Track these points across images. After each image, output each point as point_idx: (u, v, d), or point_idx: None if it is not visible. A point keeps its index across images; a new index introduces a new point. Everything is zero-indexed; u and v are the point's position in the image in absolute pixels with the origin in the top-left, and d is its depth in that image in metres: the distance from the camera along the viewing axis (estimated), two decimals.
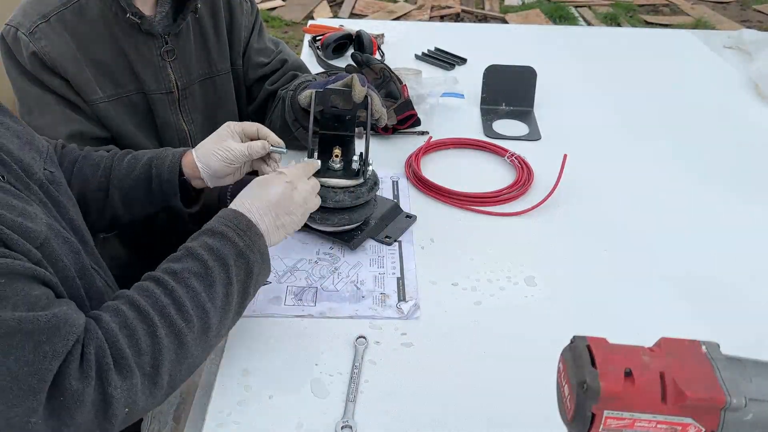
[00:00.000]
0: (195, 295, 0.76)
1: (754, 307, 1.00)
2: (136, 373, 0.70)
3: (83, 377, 0.66)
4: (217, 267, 0.78)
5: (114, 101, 1.15)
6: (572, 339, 0.57)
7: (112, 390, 0.68)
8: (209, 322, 0.76)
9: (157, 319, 0.73)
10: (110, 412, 0.68)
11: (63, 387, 0.65)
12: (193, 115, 1.26)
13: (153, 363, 0.71)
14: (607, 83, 1.77)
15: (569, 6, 5.08)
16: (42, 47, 1.06)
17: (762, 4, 5.20)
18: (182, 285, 0.76)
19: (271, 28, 4.56)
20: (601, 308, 0.99)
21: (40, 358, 0.64)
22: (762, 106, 1.66)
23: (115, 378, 0.68)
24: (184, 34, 1.20)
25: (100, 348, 0.69)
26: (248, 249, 0.81)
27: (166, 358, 0.72)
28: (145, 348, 0.71)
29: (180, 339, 0.74)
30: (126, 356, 0.70)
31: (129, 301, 0.74)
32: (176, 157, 1.01)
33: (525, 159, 1.33)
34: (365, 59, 1.60)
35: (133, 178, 1.02)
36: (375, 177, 1.08)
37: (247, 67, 1.33)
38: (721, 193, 1.28)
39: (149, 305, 0.73)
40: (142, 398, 0.71)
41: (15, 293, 0.64)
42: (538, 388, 0.72)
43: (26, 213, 0.72)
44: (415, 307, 0.97)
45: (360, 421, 0.80)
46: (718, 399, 0.52)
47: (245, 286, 0.81)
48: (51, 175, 0.85)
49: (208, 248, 0.79)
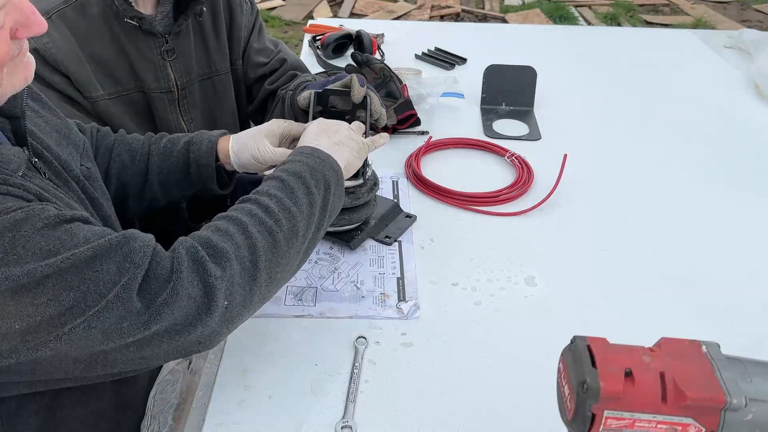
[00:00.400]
0: (279, 200, 0.79)
1: (754, 307, 1.00)
2: (234, 262, 0.72)
3: (174, 273, 0.68)
4: (293, 179, 0.82)
5: (114, 99, 1.16)
6: (572, 339, 0.57)
7: (212, 279, 0.69)
8: (297, 223, 0.79)
9: (247, 219, 0.76)
10: (212, 303, 0.69)
11: (155, 288, 0.67)
12: (192, 114, 1.26)
13: (251, 258, 0.73)
14: (607, 83, 1.77)
15: (569, 6, 5.08)
16: (43, 44, 1.07)
17: (762, 4, 5.20)
18: (264, 195, 0.79)
19: (270, 28, 4.56)
20: (601, 308, 0.99)
21: (124, 273, 0.65)
22: (762, 106, 1.66)
23: (212, 267, 0.70)
24: (185, 34, 1.20)
25: (192, 246, 0.71)
26: (320, 164, 0.85)
27: (261, 252, 0.74)
28: (241, 242, 0.73)
29: (272, 236, 0.76)
30: (221, 248, 0.72)
31: (216, 218, 0.77)
32: (212, 142, 1.03)
33: (525, 159, 1.33)
34: (365, 59, 1.60)
35: (171, 163, 1.03)
36: (375, 177, 1.08)
37: (247, 67, 1.33)
38: (721, 193, 1.28)
39: (236, 211, 0.77)
40: (240, 292, 0.72)
41: (81, 230, 0.65)
42: (538, 387, 0.72)
43: (69, 206, 0.74)
44: (415, 307, 0.97)
45: (360, 421, 0.80)
46: (718, 399, 0.52)
47: (325, 199, 0.84)
48: (87, 171, 0.87)
49: (282, 170, 0.84)
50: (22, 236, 0.61)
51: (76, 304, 0.62)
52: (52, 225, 0.63)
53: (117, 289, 0.64)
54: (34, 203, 0.65)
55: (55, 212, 0.65)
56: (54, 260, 0.61)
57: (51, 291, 0.61)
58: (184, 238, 0.74)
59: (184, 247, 0.71)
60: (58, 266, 0.61)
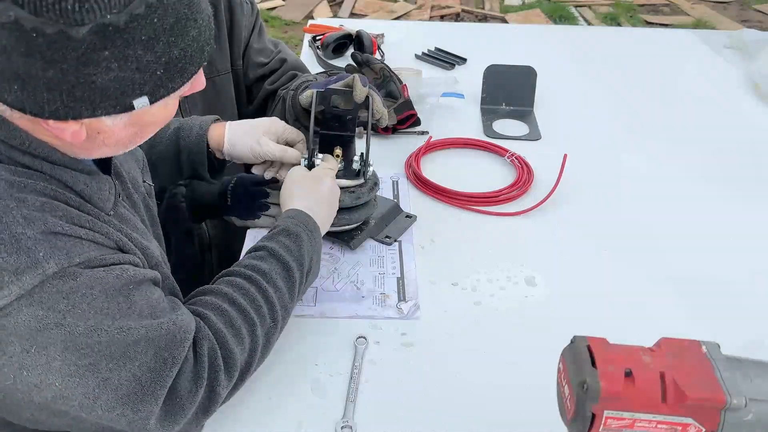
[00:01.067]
0: (282, 296, 0.81)
1: (754, 307, 1.00)
2: (238, 372, 0.74)
3: (197, 378, 0.70)
4: (296, 268, 0.84)
5: None
6: (572, 339, 0.57)
7: (220, 389, 0.72)
8: (287, 318, 0.84)
9: (256, 319, 0.77)
10: (211, 409, 0.72)
11: (179, 389, 0.68)
12: (192, 114, 1.26)
13: (248, 360, 0.76)
14: (607, 83, 1.77)
15: (569, 6, 5.08)
16: None
17: (762, 4, 5.20)
18: (272, 286, 0.80)
19: (270, 28, 4.56)
20: (601, 308, 0.99)
21: (160, 364, 0.67)
22: (762, 106, 1.66)
23: (223, 378, 0.72)
24: None
25: (212, 349, 0.72)
26: (316, 251, 0.88)
27: (256, 356, 0.77)
28: (248, 346, 0.76)
29: (269, 338, 0.79)
30: (235, 356, 0.73)
31: (228, 299, 0.77)
32: (203, 129, 1.02)
33: (525, 159, 1.33)
34: (365, 59, 1.60)
35: (160, 150, 1.03)
36: (375, 177, 1.08)
37: (247, 67, 1.33)
38: (721, 193, 1.28)
39: (248, 304, 0.78)
40: (227, 394, 0.75)
41: (141, 298, 0.67)
42: (538, 387, 0.72)
43: (146, 235, 0.77)
44: (415, 307, 0.97)
45: (360, 421, 0.80)
46: (718, 399, 0.52)
47: (310, 281, 0.90)
48: (149, 188, 0.88)
49: (288, 250, 0.84)
50: (90, 295, 0.62)
51: (110, 377, 0.64)
52: (119, 288, 0.64)
53: (149, 380, 0.66)
54: (113, 255, 0.66)
55: (131, 274, 0.66)
56: (109, 327, 0.63)
57: (94, 356, 0.62)
58: (206, 325, 0.74)
59: (207, 345, 0.72)
60: (108, 335, 0.63)
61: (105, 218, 0.68)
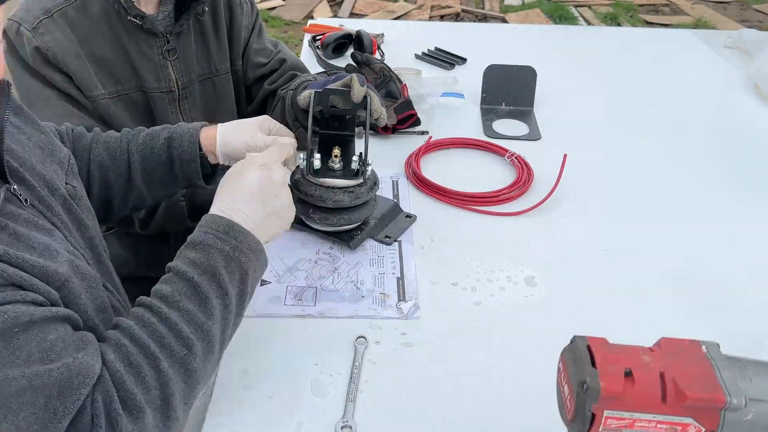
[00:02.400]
0: (191, 318, 0.72)
1: (754, 307, 1.00)
2: (147, 411, 0.67)
3: (95, 426, 0.64)
4: (206, 281, 0.74)
5: (114, 98, 1.16)
6: (572, 339, 0.57)
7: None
8: (212, 339, 0.73)
9: (158, 352, 0.69)
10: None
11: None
12: (192, 114, 1.26)
13: (163, 396, 0.68)
14: (607, 83, 1.77)
15: (569, 6, 5.08)
16: (45, 42, 1.07)
17: (762, 4, 5.20)
18: (175, 309, 0.72)
19: (270, 28, 4.56)
20: (601, 308, 0.99)
21: (50, 416, 0.61)
22: (762, 106, 1.66)
23: (125, 422, 0.65)
24: (185, 34, 1.20)
25: (107, 394, 0.66)
26: (236, 251, 0.77)
27: (175, 389, 0.69)
28: (152, 383, 0.68)
29: (185, 366, 0.70)
30: (134, 396, 0.66)
31: (128, 333, 0.70)
32: (194, 135, 1.00)
33: (525, 159, 1.33)
34: (365, 59, 1.60)
35: (153, 160, 1.00)
36: (375, 177, 1.08)
37: (246, 67, 1.33)
38: (721, 193, 1.28)
39: (148, 336, 0.70)
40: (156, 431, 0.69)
41: (29, 342, 0.62)
42: (538, 387, 0.72)
43: (49, 250, 0.70)
44: (415, 307, 0.97)
45: (360, 421, 0.80)
46: (718, 399, 0.52)
47: (242, 288, 0.77)
48: (73, 190, 0.84)
49: (192, 264, 0.75)
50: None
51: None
52: (0, 332, 0.59)
53: (35, 431, 0.61)
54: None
55: (13, 315, 0.61)
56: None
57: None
58: (104, 371, 0.67)
59: (101, 391, 0.65)
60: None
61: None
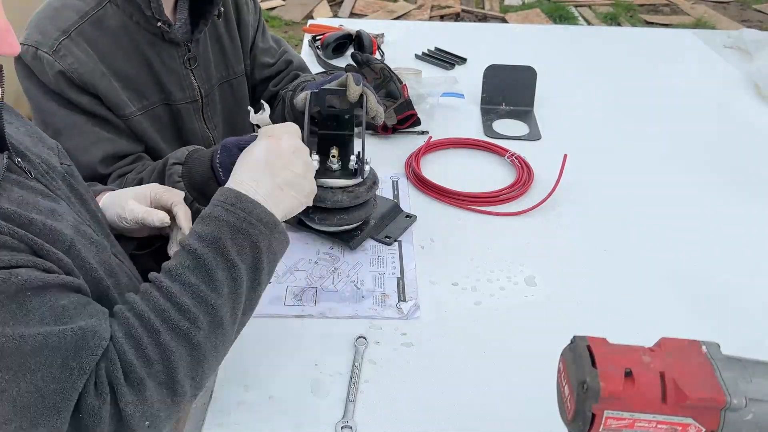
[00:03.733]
0: (194, 291, 0.70)
1: (754, 307, 1.00)
2: (148, 384, 0.66)
3: (99, 393, 0.64)
4: (210, 254, 0.71)
5: (143, 114, 1.12)
6: (572, 339, 0.57)
7: (124, 406, 0.65)
8: (218, 313, 0.71)
9: (159, 324, 0.68)
10: (129, 428, 0.65)
11: (81, 405, 0.63)
12: (214, 121, 1.24)
13: (166, 371, 0.67)
14: (607, 83, 1.77)
15: (569, 6, 5.08)
16: (69, 65, 1.01)
17: (762, 4, 5.20)
18: (177, 283, 0.70)
19: (270, 28, 4.52)
20: (601, 308, 0.99)
21: (66, 375, 0.62)
22: (762, 106, 1.66)
23: (126, 393, 0.65)
24: (202, 40, 1.18)
25: (111, 362, 0.66)
26: (243, 222, 0.74)
27: (178, 364, 0.68)
28: (154, 356, 0.67)
29: (189, 340, 0.69)
30: (135, 368, 0.66)
31: (131, 307, 0.70)
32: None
33: (525, 159, 1.33)
34: (365, 59, 1.60)
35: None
36: (374, 176, 1.07)
37: (253, 67, 1.31)
38: (721, 193, 1.28)
39: (150, 310, 0.69)
40: (163, 408, 0.67)
41: (42, 305, 0.62)
42: (538, 387, 0.72)
43: (54, 213, 0.70)
44: (415, 307, 0.97)
45: (360, 421, 0.80)
46: (718, 399, 0.52)
47: (255, 262, 0.74)
48: (69, 168, 0.83)
49: (197, 236, 0.73)
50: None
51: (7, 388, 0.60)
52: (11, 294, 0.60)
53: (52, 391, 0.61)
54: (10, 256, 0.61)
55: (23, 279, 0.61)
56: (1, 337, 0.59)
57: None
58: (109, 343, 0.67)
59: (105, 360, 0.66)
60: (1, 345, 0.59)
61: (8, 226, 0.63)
